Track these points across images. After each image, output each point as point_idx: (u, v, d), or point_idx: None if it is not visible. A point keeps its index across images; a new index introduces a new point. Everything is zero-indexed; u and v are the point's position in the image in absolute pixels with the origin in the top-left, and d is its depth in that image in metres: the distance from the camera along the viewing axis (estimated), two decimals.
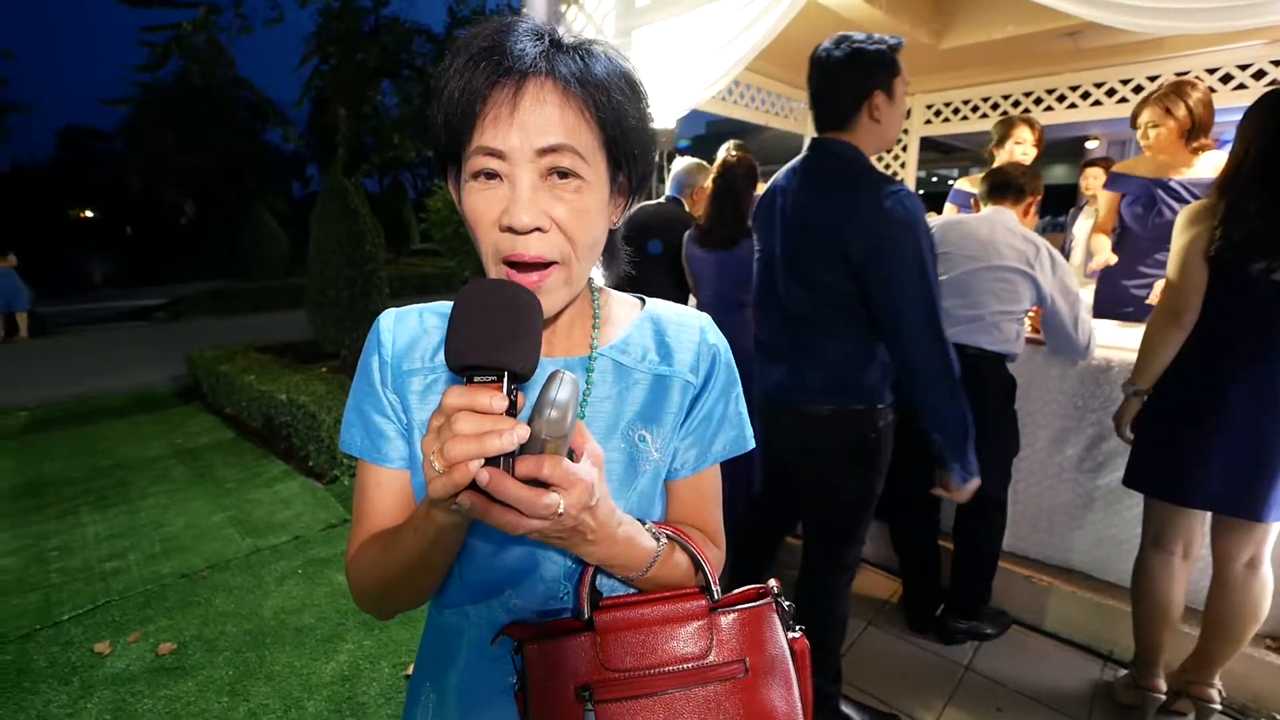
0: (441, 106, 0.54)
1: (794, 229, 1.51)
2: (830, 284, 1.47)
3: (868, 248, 1.36)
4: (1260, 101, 1.44)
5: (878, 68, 1.41)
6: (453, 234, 5.72)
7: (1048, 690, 1.90)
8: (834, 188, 1.44)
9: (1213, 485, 1.52)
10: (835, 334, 1.51)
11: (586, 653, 0.58)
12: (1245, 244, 1.40)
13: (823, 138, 1.51)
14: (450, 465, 0.42)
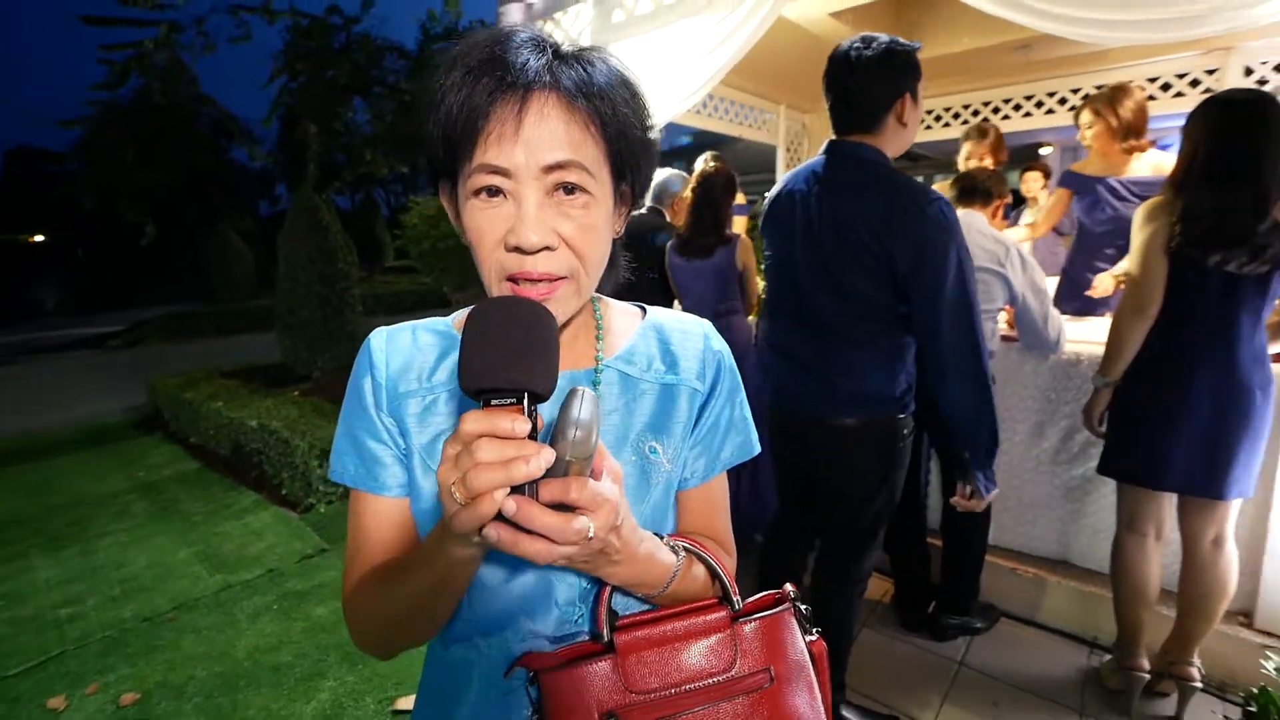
0: (439, 122, 0.52)
1: (823, 236, 1.46)
2: (865, 294, 1.43)
3: (914, 257, 1.34)
4: (1204, 105, 1.52)
5: (908, 69, 1.40)
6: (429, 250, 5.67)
7: (1039, 680, 1.94)
8: (869, 194, 1.39)
9: (1179, 468, 1.59)
10: (864, 344, 1.48)
11: (608, 677, 0.55)
12: (1202, 238, 1.48)
13: (845, 140, 1.47)
14: (474, 497, 0.40)
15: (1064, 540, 2.24)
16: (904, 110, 1.42)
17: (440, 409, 0.61)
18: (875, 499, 1.57)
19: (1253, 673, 1.72)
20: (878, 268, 1.39)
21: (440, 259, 5.75)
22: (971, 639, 2.14)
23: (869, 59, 1.38)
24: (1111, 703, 1.82)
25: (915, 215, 1.34)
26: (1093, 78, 3.87)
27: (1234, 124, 1.46)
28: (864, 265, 1.40)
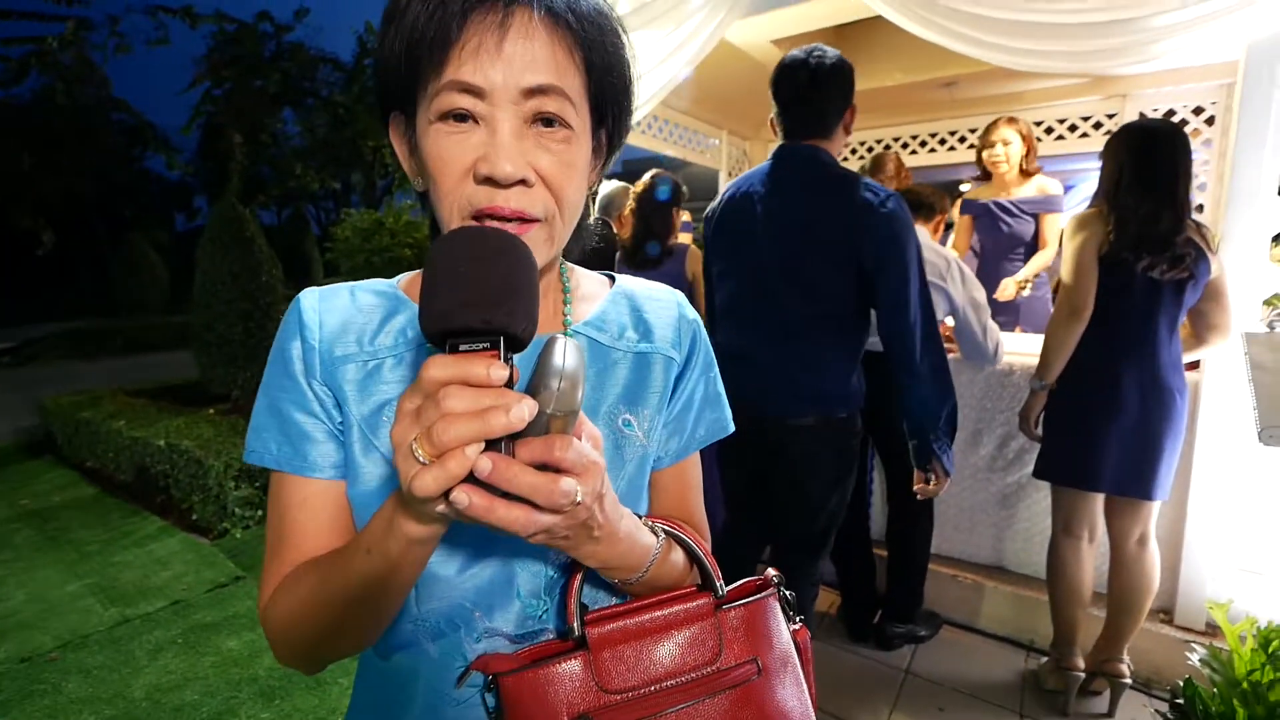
0: (401, 32, 0.45)
1: (791, 236, 1.49)
2: (835, 291, 1.47)
3: (880, 251, 1.40)
4: (1127, 129, 1.68)
5: (852, 83, 1.49)
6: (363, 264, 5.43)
7: (982, 684, 1.98)
8: (834, 193, 1.45)
9: (1112, 468, 1.68)
10: (827, 344, 1.51)
11: (579, 676, 0.50)
12: (1133, 242, 1.60)
13: (800, 144, 1.51)
14: (442, 453, 0.34)
15: (1000, 546, 2.32)
16: (850, 119, 1.51)
17: (385, 376, 0.54)
18: (829, 499, 1.59)
19: (1176, 667, 1.81)
20: (846, 264, 1.44)
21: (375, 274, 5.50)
22: (916, 647, 2.17)
23: (828, 67, 1.45)
24: (1049, 703, 1.87)
25: (879, 211, 1.40)
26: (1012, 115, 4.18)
27: (1155, 146, 1.61)
28: (834, 262, 1.45)
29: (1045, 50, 1.85)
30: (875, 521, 2.29)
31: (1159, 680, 1.90)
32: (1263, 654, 1.49)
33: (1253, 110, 1.66)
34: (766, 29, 2.85)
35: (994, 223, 3.08)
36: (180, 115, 14.19)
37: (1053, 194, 3.03)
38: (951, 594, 2.29)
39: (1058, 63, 1.87)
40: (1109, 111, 3.84)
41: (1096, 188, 1.72)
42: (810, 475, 1.57)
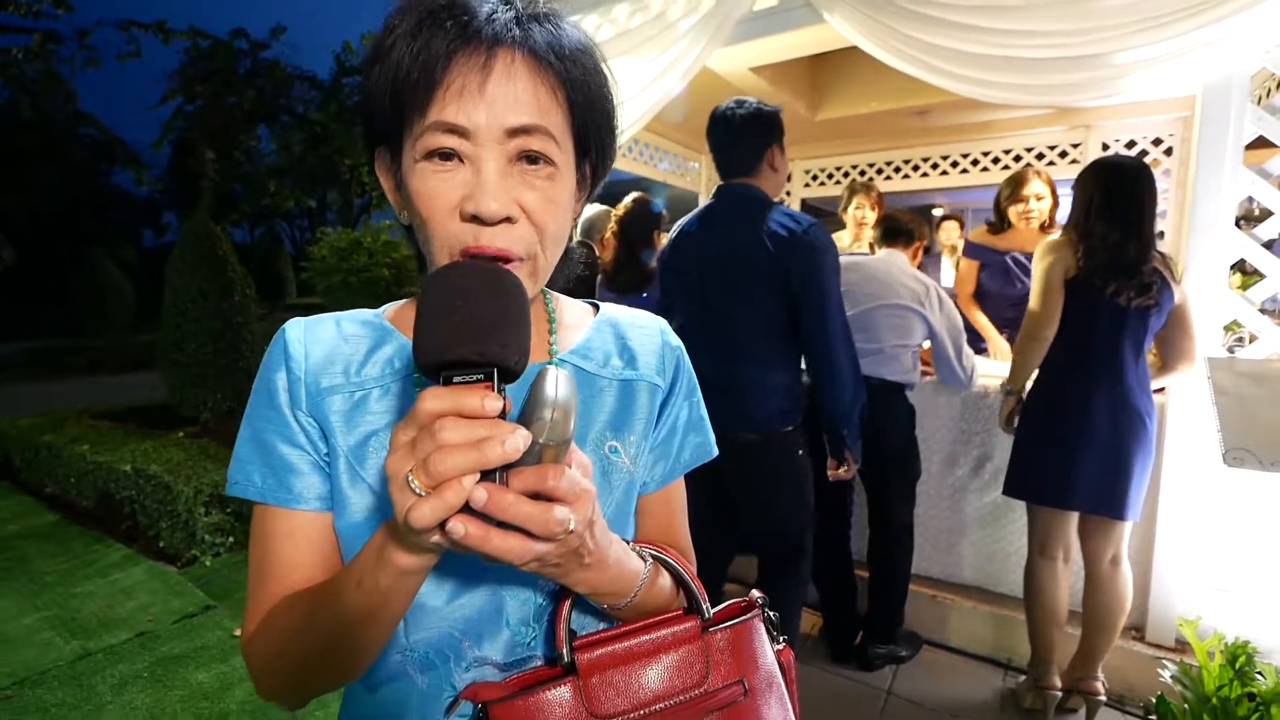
0: (386, 72, 0.46)
1: (730, 263, 1.66)
2: (768, 314, 1.63)
3: (804, 271, 1.58)
4: (1099, 164, 1.76)
5: (773, 125, 1.68)
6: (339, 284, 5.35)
7: (961, 704, 1.99)
8: (763, 222, 1.62)
9: (1085, 487, 1.73)
10: (770, 362, 1.66)
11: (569, 703, 0.50)
12: (1102, 269, 1.67)
13: (731, 183, 1.71)
14: (438, 484, 0.34)
15: (978, 566, 2.36)
16: (774, 158, 1.69)
17: (372, 407, 0.54)
18: (786, 507, 1.73)
19: (1149, 684, 1.84)
20: (775, 285, 1.61)
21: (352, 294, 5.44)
22: (898, 667, 2.18)
23: (743, 116, 1.66)
24: None
25: (801, 238, 1.59)
26: (980, 144, 4.34)
27: (1124, 180, 1.69)
28: (766, 286, 1.61)
29: (1013, 83, 1.93)
30: (856, 543, 2.31)
31: (1132, 697, 1.93)
32: (1230, 670, 1.53)
33: (1211, 145, 1.74)
34: (746, 57, 2.92)
35: (1008, 275, 2.86)
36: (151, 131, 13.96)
37: None
38: (931, 614, 2.32)
39: (1024, 95, 1.96)
40: (1074, 141, 4.01)
41: (1068, 217, 1.79)
42: (762, 487, 1.70)
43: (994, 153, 4.37)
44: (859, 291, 2.05)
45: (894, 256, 2.10)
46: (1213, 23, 1.58)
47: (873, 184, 3.39)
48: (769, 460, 1.69)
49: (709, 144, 1.75)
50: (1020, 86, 1.91)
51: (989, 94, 1.96)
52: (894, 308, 2.01)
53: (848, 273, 2.09)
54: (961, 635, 2.27)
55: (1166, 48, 1.66)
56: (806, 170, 5.00)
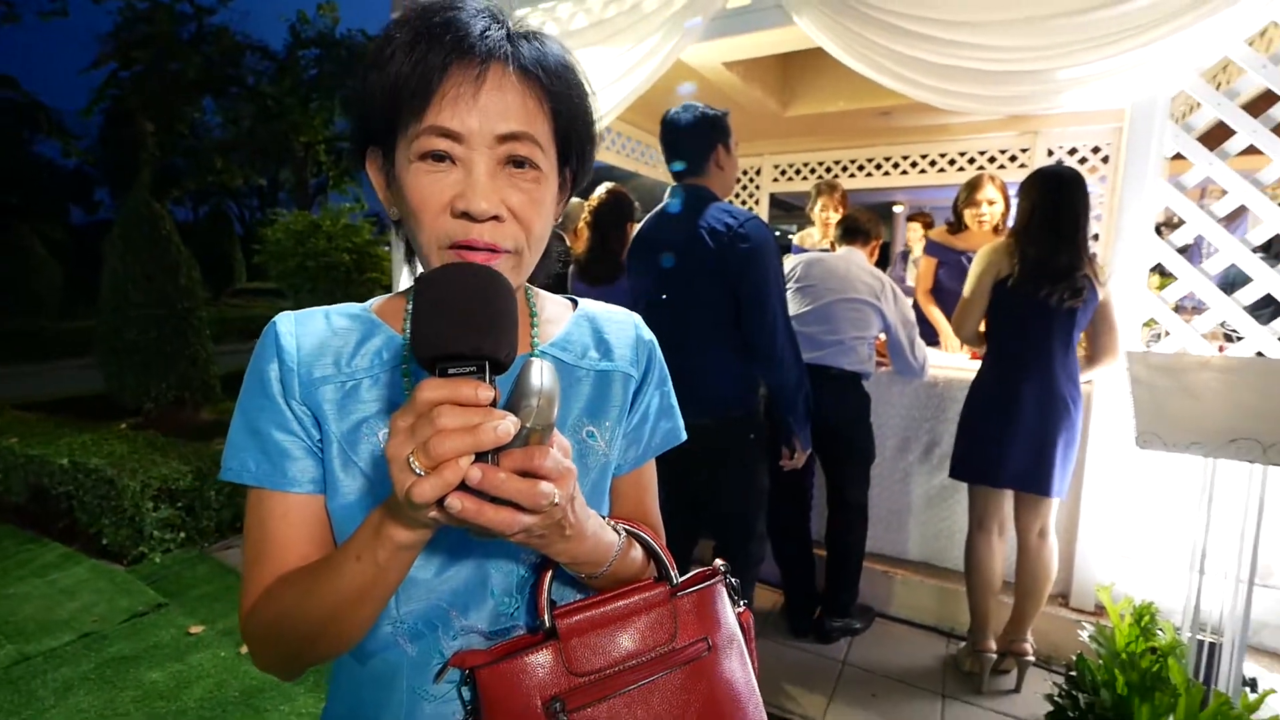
0: (385, 80, 0.50)
1: (682, 258, 1.73)
2: (717, 304, 1.70)
3: (740, 265, 1.66)
4: (1040, 174, 1.89)
5: (717, 127, 1.76)
6: (296, 268, 5.14)
7: (909, 670, 2.16)
8: (708, 218, 1.71)
9: (1014, 467, 1.90)
10: (720, 352, 1.74)
11: (550, 664, 0.54)
12: (1036, 274, 1.82)
13: (682, 184, 1.80)
14: (437, 464, 0.39)
15: (925, 543, 2.54)
16: (720, 158, 1.78)
17: (363, 395, 0.57)
18: (738, 487, 1.82)
19: (1072, 644, 2.04)
20: (718, 278, 1.69)
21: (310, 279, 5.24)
22: (852, 639, 2.33)
23: (689, 120, 1.75)
24: (967, 683, 2.07)
25: (738, 231, 1.67)
26: (939, 146, 4.54)
27: (1061, 191, 1.83)
28: (710, 276, 1.70)
29: (966, 92, 2.07)
30: (815, 525, 2.45)
31: (1057, 657, 2.13)
32: (1137, 628, 1.72)
33: (1136, 159, 1.92)
34: (719, 53, 3.00)
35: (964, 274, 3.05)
36: (79, 98, 13.03)
37: None
38: (883, 589, 2.48)
39: (976, 104, 2.10)
40: (1023, 146, 4.24)
41: (1013, 222, 1.94)
42: (714, 471, 1.78)
43: (950, 154, 4.58)
44: (821, 286, 2.17)
45: (853, 254, 2.23)
46: (1140, 46, 1.74)
47: (837, 184, 3.51)
48: (720, 445, 1.75)
49: (661, 146, 1.84)
50: (972, 95, 2.06)
51: (944, 101, 2.09)
52: (852, 301, 2.13)
53: (810, 268, 2.21)
54: (910, 607, 2.45)
55: (1102, 66, 1.81)
56: (776, 165, 5.11)
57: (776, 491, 2.05)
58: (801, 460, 1.88)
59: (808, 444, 1.86)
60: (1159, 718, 1.57)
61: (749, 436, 1.80)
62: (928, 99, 2.13)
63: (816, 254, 2.26)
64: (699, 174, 1.78)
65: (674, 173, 1.82)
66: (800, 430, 1.83)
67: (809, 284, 2.17)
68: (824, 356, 2.13)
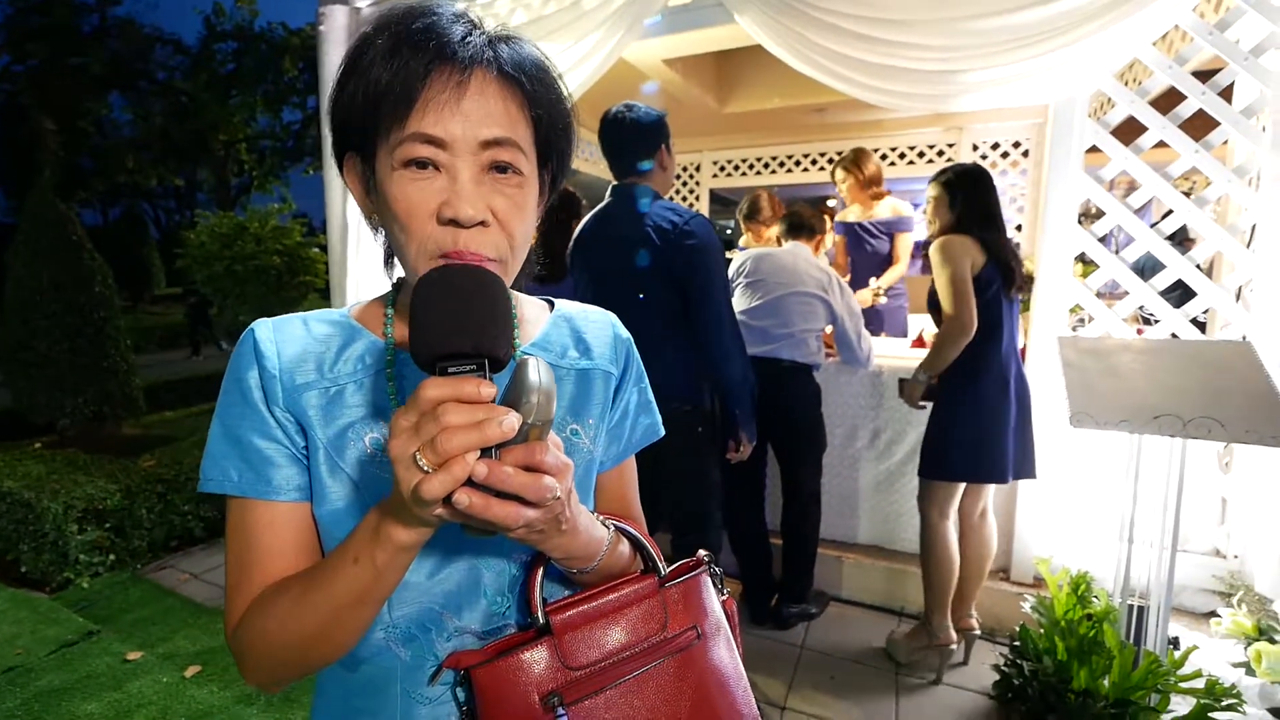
0: (366, 87, 0.50)
1: (625, 256, 1.74)
2: (663, 300, 1.71)
3: (686, 263, 1.68)
4: (967, 171, 1.95)
5: (660, 128, 1.78)
6: (223, 272, 4.88)
7: (864, 650, 2.23)
8: (652, 217, 1.72)
9: (1009, 461, 1.94)
10: (666, 348, 1.75)
11: (546, 660, 0.55)
12: (1000, 267, 1.87)
13: (624, 183, 1.81)
14: (444, 461, 0.39)
15: (874, 527, 2.62)
16: (662, 158, 1.80)
17: (347, 401, 0.57)
18: (689, 481, 1.85)
19: (1015, 615, 2.15)
20: (664, 276, 1.71)
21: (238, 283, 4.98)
22: (809, 624, 2.39)
23: (632, 120, 1.76)
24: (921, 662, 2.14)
25: (683, 228, 1.69)
26: (871, 142, 4.68)
27: (988, 186, 1.92)
28: (656, 274, 1.72)
29: (902, 90, 2.14)
30: (770, 514, 2.49)
31: (1000, 629, 2.24)
32: (1074, 597, 1.83)
33: (1059, 153, 2.02)
34: (659, 50, 3.00)
35: (859, 242, 3.46)
36: None
37: (905, 214, 3.42)
38: (835, 573, 2.55)
39: (910, 101, 2.18)
40: (949, 141, 4.43)
41: (948, 218, 1.94)
42: (665, 464, 1.78)
43: (882, 149, 4.73)
44: (771, 280, 2.20)
45: (799, 248, 2.27)
46: (1062, 47, 1.84)
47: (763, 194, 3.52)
48: (670, 439, 1.79)
49: (601, 146, 1.84)
50: (906, 94, 2.12)
51: (880, 98, 2.16)
52: (801, 295, 2.18)
53: (760, 262, 2.24)
54: (861, 589, 2.52)
55: (1027, 66, 1.91)
56: (714, 161, 5.16)
57: (731, 483, 2.08)
58: (748, 452, 1.91)
59: (754, 436, 1.89)
60: (1096, 679, 1.67)
61: (698, 430, 1.83)
62: (864, 96, 2.19)
63: (765, 249, 2.30)
64: (640, 174, 1.78)
65: (617, 171, 1.81)
66: (746, 423, 1.86)
67: (759, 278, 2.20)
68: (776, 349, 2.16)
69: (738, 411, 1.83)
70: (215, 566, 2.93)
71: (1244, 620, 1.81)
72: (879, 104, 2.24)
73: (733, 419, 1.85)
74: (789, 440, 2.22)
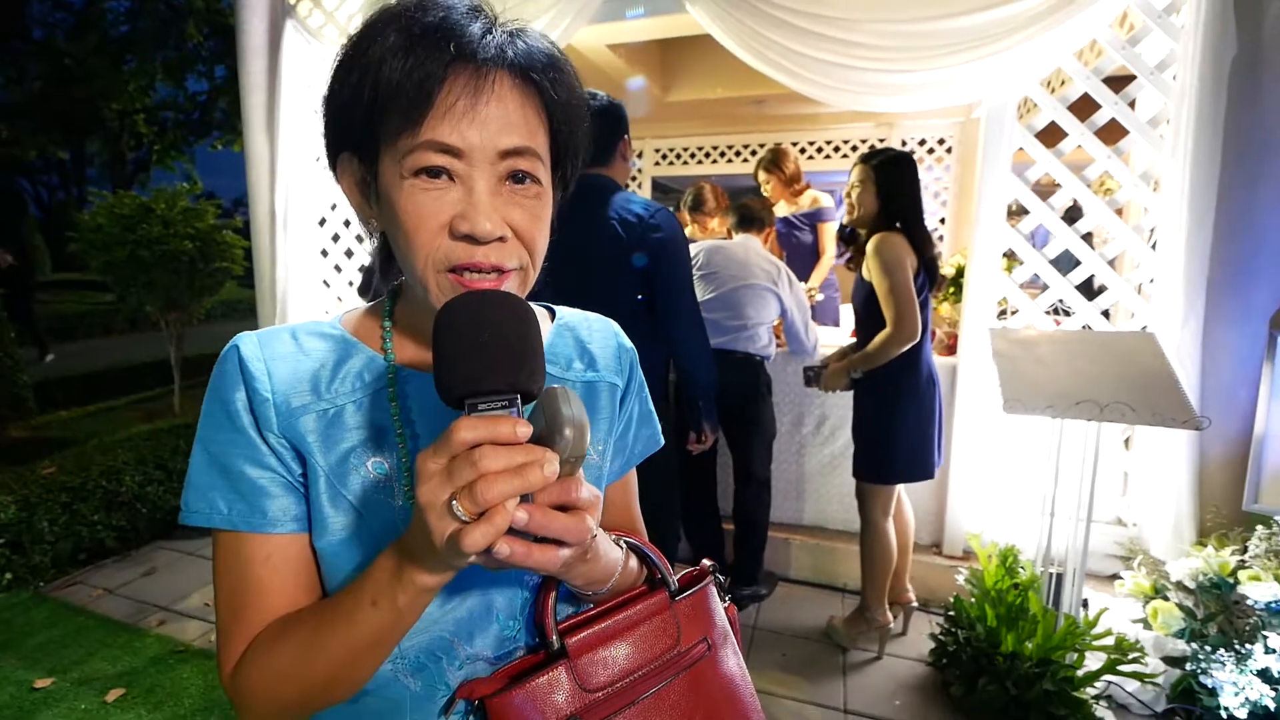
0: (369, 80, 0.46)
1: (589, 250, 1.71)
2: (627, 293, 1.70)
3: (653, 257, 1.68)
4: (897, 158, 1.98)
5: (622, 117, 1.77)
6: (126, 259, 4.46)
7: (813, 628, 2.33)
8: (617, 210, 1.71)
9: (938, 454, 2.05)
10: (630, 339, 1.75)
11: (563, 683, 0.54)
12: (926, 263, 1.94)
13: (587, 173, 1.75)
14: (484, 509, 0.37)
15: (816, 509, 2.74)
16: (625, 148, 1.80)
17: (347, 423, 0.53)
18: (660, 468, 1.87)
19: (948, 587, 2.30)
20: (629, 269, 1.70)
21: (144, 270, 4.55)
22: (760, 604, 2.47)
23: (598, 108, 1.74)
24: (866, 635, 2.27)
25: (649, 223, 1.69)
26: (806, 135, 4.82)
27: (915, 176, 1.96)
28: (621, 267, 1.71)
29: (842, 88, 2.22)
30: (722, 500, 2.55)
31: (935, 600, 2.40)
32: (1003, 568, 1.98)
33: (991, 154, 2.15)
34: (604, 35, 2.96)
35: (788, 235, 3.56)
36: None
37: (825, 205, 3.54)
38: (783, 554, 2.65)
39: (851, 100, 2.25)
40: (880, 137, 4.62)
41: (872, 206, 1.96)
42: None
43: (818, 142, 4.89)
44: (723, 273, 2.24)
45: (750, 241, 2.32)
46: (996, 54, 1.96)
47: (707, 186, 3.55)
48: None
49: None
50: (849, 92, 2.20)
51: (824, 95, 2.23)
52: (753, 287, 2.23)
53: (713, 254, 2.27)
54: (807, 569, 2.64)
55: (964, 70, 2.02)
56: (657, 149, 5.17)
57: (684, 471, 2.12)
58: (710, 443, 1.95)
59: (716, 427, 1.93)
60: (1022, 642, 1.82)
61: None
62: (811, 93, 2.25)
63: (717, 242, 2.33)
64: (604, 164, 1.75)
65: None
66: (709, 414, 1.89)
67: (711, 271, 2.23)
68: (729, 341, 2.20)
69: (701, 403, 1.85)
70: (132, 580, 2.72)
71: (1143, 581, 2.02)
72: (825, 101, 2.30)
73: (695, 410, 1.87)
74: (741, 430, 2.28)
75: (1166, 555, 2.04)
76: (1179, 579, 1.91)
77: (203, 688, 2.05)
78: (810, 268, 3.55)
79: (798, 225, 3.53)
